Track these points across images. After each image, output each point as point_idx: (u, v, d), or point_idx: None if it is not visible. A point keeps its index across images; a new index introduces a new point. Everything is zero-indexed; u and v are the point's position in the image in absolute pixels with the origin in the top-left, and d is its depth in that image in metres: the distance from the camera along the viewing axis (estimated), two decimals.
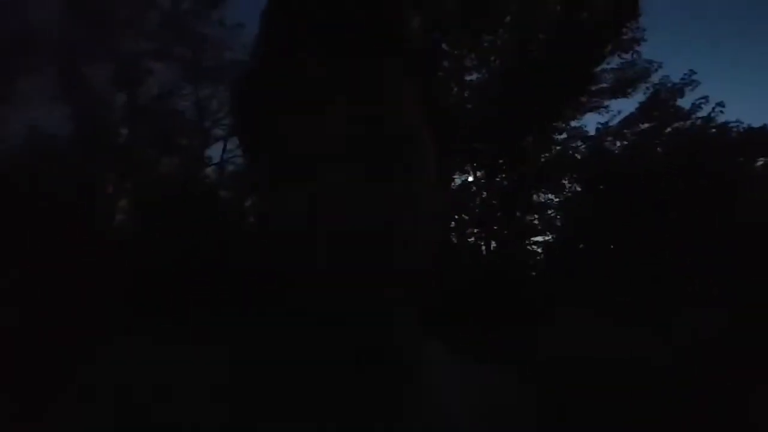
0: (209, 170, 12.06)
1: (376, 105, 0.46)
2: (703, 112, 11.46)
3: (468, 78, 12.33)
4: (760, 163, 10.26)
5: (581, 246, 11.08)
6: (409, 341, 0.52)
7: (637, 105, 12.02)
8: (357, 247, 0.44)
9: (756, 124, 11.40)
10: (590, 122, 24.42)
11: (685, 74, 11.78)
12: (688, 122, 11.59)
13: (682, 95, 11.78)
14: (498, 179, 12.25)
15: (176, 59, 12.18)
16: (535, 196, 12.10)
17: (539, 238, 12.22)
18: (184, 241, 9.86)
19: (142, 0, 11.86)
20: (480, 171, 12.32)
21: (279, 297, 0.48)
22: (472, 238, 12.38)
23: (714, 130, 11.31)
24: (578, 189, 11.91)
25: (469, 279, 10.13)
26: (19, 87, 11.05)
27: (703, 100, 11.53)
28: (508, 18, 11.87)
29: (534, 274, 12.01)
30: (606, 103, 12.09)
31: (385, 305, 0.46)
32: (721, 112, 11.61)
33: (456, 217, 12.38)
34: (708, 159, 9.33)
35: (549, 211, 12.35)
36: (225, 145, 12.11)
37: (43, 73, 11.22)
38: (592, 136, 12.00)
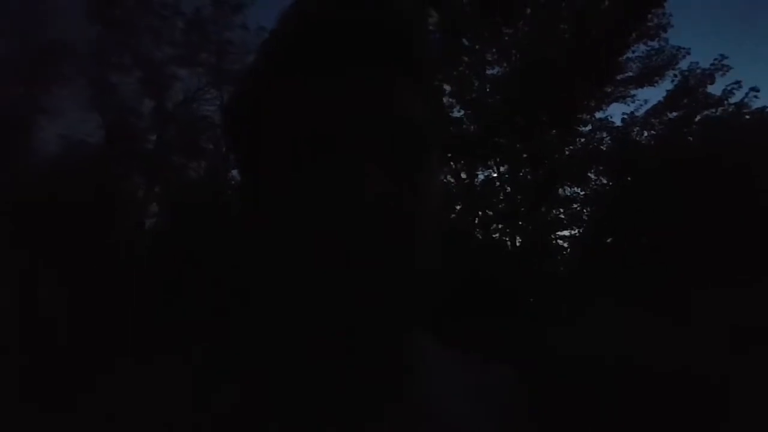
0: (234, 172, 12.27)
1: (386, 113, 0.46)
2: (735, 99, 11.09)
3: (489, 72, 12.20)
4: None
5: (609, 240, 10.86)
6: (411, 340, 0.53)
7: (664, 93, 11.69)
8: (359, 251, 0.44)
9: None
10: (616, 112, 23.87)
11: (715, 59, 11.40)
12: (720, 109, 11.22)
13: (712, 81, 11.41)
14: (522, 174, 12.10)
15: (201, 64, 12.44)
16: (560, 190, 11.91)
17: (566, 233, 12.04)
18: (210, 243, 10.06)
19: (166, 7, 12.14)
20: (503, 166, 12.20)
21: (281, 297, 0.48)
22: (497, 234, 12.27)
23: (748, 116, 10.91)
24: (605, 181, 11.67)
25: (491, 274, 10.06)
26: (51, 96, 11.49)
27: (735, 86, 11.15)
28: (528, 10, 11.68)
29: (561, 269, 11.83)
30: (632, 92, 11.81)
31: (394, 308, 0.47)
32: (756, 97, 11.21)
33: (480, 213, 12.30)
34: (742, 146, 9.01)
35: (575, 205, 12.14)
36: None
37: (73, 82, 11.62)
38: (618, 126, 11.74)
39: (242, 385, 0.48)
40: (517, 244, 11.83)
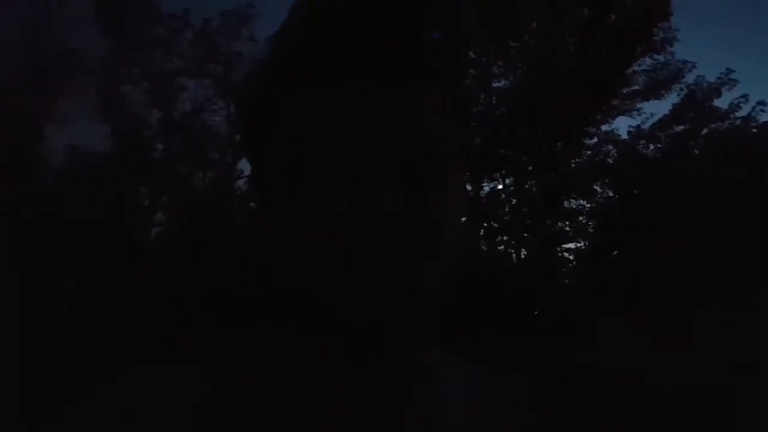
0: (241, 182, 12.34)
1: (405, 122, 0.45)
2: (742, 112, 11.07)
3: (495, 84, 12.25)
4: None
5: (614, 253, 10.81)
6: (423, 350, 0.53)
7: (671, 107, 11.69)
8: (382, 262, 0.44)
9: None
10: (622, 126, 23.69)
11: (721, 73, 11.41)
12: (727, 123, 11.20)
13: (719, 95, 11.40)
14: (527, 186, 12.10)
15: (208, 75, 12.55)
16: (566, 203, 11.89)
17: (571, 245, 12.00)
18: (218, 253, 10.08)
19: (175, 19, 12.29)
20: (509, 178, 12.20)
21: (298, 305, 0.48)
22: (502, 246, 12.25)
23: (755, 130, 10.89)
24: (611, 194, 11.64)
25: (496, 287, 10.02)
26: (60, 106, 11.62)
27: (742, 100, 11.14)
28: (534, 23, 11.74)
29: (566, 282, 11.77)
30: (638, 105, 11.81)
31: (409, 317, 0.46)
32: (762, 110, 11.19)
33: (485, 224, 12.28)
34: (751, 159, 8.99)
35: (580, 218, 12.11)
36: None
37: (83, 92, 11.74)
38: (624, 140, 11.73)
39: (248, 388, 0.47)
40: (522, 256, 11.81)
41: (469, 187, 12.33)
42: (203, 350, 0.52)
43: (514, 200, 12.12)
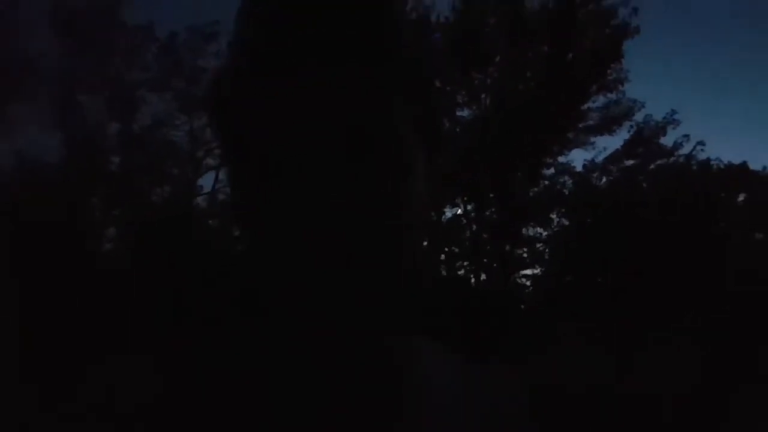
0: (200, 199, 12.04)
1: (367, 112, 0.45)
2: (684, 150, 11.90)
3: (459, 113, 12.62)
4: (741, 198, 10.61)
5: (569, 278, 11.17)
6: (402, 344, 0.53)
7: (622, 142, 12.39)
8: (350, 254, 0.44)
9: (735, 161, 11.90)
10: (578, 158, 24.95)
11: (667, 113, 12.23)
12: (671, 159, 11.98)
13: (664, 133, 12.21)
14: (488, 213, 12.41)
15: (171, 89, 12.31)
16: (524, 230, 12.25)
17: (528, 271, 12.33)
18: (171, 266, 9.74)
19: (140, 30, 12.05)
20: (470, 204, 12.48)
21: (273, 305, 0.48)
22: (462, 271, 12.44)
23: (695, 167, 11.69)
24: (566, 223, 12.10)
25: (457, 310, 10.12)
26: (10, 112, 11.05)
27: (684, 138, 11.98)
28: (497, 57, 12.27)
29: (523, 307, 12.03)
30: (592, 139, 12.45)
31: (380, 310, 0.47)
32: (702, 149, 12.06)
33: (446, 249, 12.46)
34: (691, 194, 9.60)
35: (538, 245, 12.50)
36: (217, 175, 12.14)
37: (36, 99, 11.24)
38: (579, 171, 12.29)
39: (238, 388, 0.47)
40: (482, 280, 12.02)
41: (432, 214, 12.54)
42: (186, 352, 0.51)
43: (475, 226, 12.39)
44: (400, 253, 0.46)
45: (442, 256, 12.23)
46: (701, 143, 12.08)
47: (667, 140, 12.22)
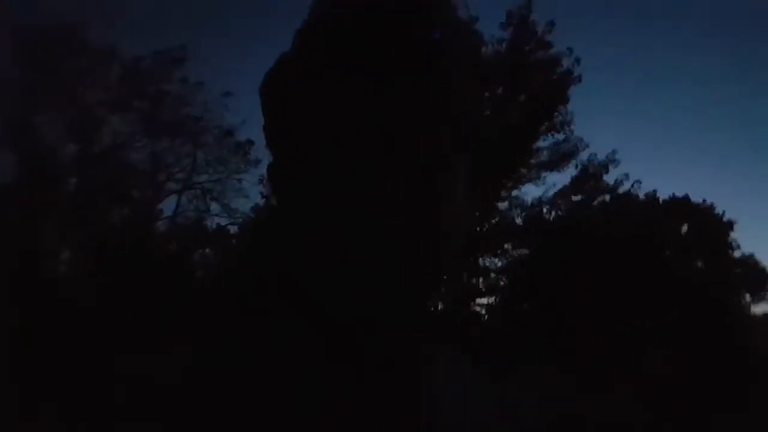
0: (160, 223, 11.83)
1: (413, 129, 0.57)
2: (624, 187, 13.05)
3: None
4: (684, 228, 11.72)
5: (524, 306, 11.70)
6: (420, 348, 0.65)
7: (569, 179, 13.32)
8: (379, 261, 0.54)
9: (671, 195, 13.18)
10: (530, 192, 26.36)
11: (608, 154, 13.32)
12: (613, 195, 13.04)
13: (607, 171, 13.27)
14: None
15: (133, 111, 12.18)
16: (480, 260, 12.81)
17: (483, 300, 12.85)
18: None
19: (103, 53, 11.93)
20: None
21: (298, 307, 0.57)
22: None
23: (639, 199, 12.84)
24: (519, 253, 12.77)
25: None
26: None
27: (624, 177, 13.14)
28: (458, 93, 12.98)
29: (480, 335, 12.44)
30: (543, 174, 13.28)
31: (403, 314, 0.59)
32: (639, 187, 13.28)
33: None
34: (637, 226, 10.44)
35: (491, 275, 13.07)
36: (179, 200, 12.01)
37: None
38: (530, 205, 13.08)
39: (245, 386, 0.57)
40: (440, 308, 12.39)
41: None
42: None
43: None
44: (436, 261, 0.57)
45: None
46: (638, 182, 13.30)
47: (608, 177, 13.31)
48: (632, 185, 13.18)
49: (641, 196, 13.03)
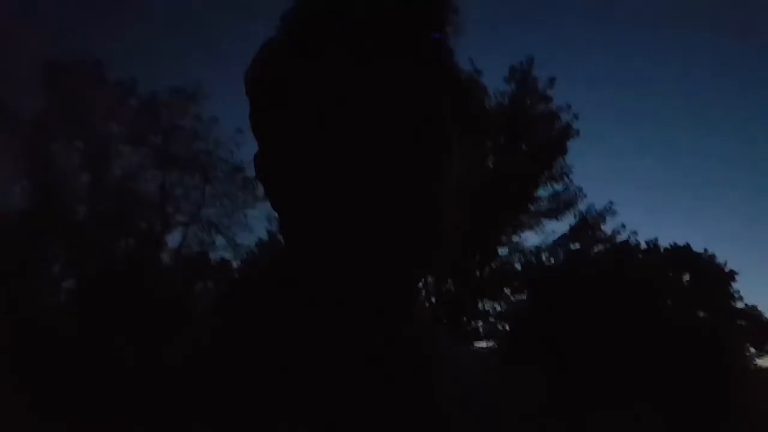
0: (164, 255, 11.94)
1: (414, 109, 0.45)
2: (622, 237, 13.41)
3: None
4: (686, 277, 11.92)
5: (525, 349, 11.72)
6: (427, 333, 0.53)
7: (567, 227, 13.66)
8: (382, 241, 0.44)
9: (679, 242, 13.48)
10: (530, 239, 26.85)
11: (605, 205, 13.75)
12: (610, 245, 13.37)
13: (604, 221, 13.66)
14: (446, 287, 13.05)
15: (146, 144, 12.51)
16: (480, 304, 12.94)
17: (482, 344, 12.88)
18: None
19: (121, 87, 12.36)
20: (430, 277, 13.11)
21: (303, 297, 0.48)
22: None
23: (638, 248, 13.13)
24: (519, 298, 12.92)
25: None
26: None
27: (621, 227, 13.51)
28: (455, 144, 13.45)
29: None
30: (543, 221, 13.63)
31: (407, 297, 0.48)
32: (636, 236, 13.64)
33: None
34: (637, 274, 10.65)
35: (491, 319, 13.19)
36: (185, 232, 12.17)
37: (6, 146, 11.14)
38: (530, 251, 13.35)
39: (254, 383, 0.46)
40: None
41: None
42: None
43: (434, 299, 12.96)
44: (436, 242, 0.47)
45: None
46: (635, 233, 13.68)
47: (607, 227, 13.69)
48: (629, 236, 13.55)
49: (642, 244, 13.40)
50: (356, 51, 0.46)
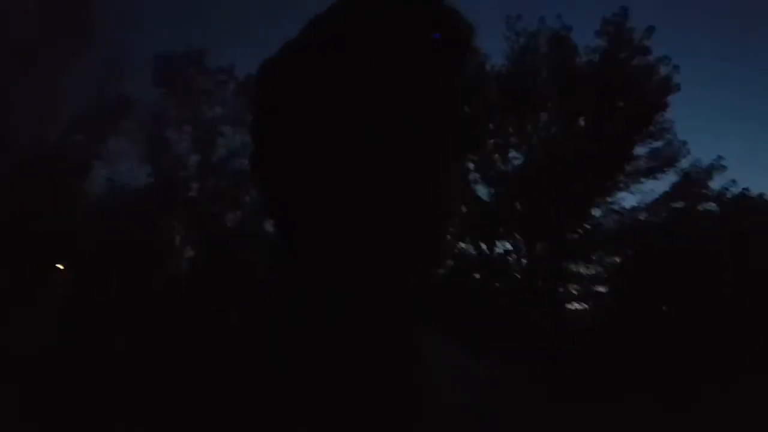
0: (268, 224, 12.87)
1: (412, 97, 0.45)
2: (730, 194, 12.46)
3: (511, 155, 13.35)
4: None
5: (624, 318, 11.41)
6: (425, 339, 0.53)
7: (669, 186, 12.93)
8: (380, 240, 0.45)
9: None
10: (627, 198, 25.54)
11: (713, 159, 12.79)
12: (717, 203, 12.50)
13: (710, 178, 12.73)
14: (538, 249, 12.93)
15: (245, 123, 13.45)
16: (573, 266, 12.74)
17: (575, 305, 12.75)
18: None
19: (222, 71, 13.35)
20: (520, 239, 13.04)
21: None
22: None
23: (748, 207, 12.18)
24: (614, 261, 12.54)
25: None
26: (108, 146, 12.37)
27: (731, 184, 12.55)
28: (549, 103, 13.07)
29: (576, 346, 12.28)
30: (642, 180, 12.98)
31: (405, 297, 0.48)
32: (747, 195, 12.56)
33: (497, 285, 12.99)
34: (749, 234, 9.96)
35: (585, 282, 12.93)
36: None
37: (131, 134, 12.55)
38: (627, 211, 12.84)
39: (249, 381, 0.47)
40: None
41: (483, 246, 13.08)
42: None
43: (525, 261, 12.92)
44: (436, 243, 0.47)
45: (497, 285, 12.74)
46: (746, 189, 12.63)
47: (715, 183, 12.77)
48: (740, 193, 12.59)
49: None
50: (360, 52, 0.46)
